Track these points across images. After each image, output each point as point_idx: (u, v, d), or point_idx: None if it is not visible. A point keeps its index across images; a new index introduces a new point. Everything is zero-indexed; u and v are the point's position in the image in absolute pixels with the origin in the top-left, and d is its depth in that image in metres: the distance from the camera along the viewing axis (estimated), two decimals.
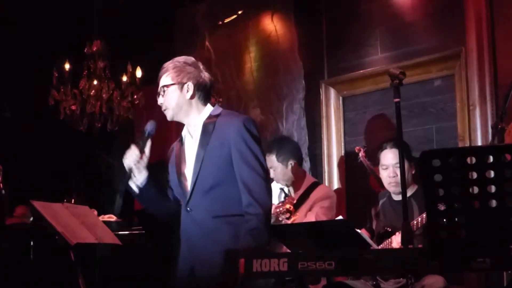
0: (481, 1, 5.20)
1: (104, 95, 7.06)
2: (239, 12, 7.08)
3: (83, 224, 4.91)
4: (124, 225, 5.96)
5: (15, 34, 7.93)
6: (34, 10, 7.46)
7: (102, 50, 7.14)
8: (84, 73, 7.11)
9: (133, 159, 3.71)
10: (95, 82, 7.07)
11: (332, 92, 6.27)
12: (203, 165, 3.60)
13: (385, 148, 4.68)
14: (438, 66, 5.53)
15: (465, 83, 5.29)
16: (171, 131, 4.02)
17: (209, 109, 3.74)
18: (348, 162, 6.13)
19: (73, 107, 7.09)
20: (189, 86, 3.71)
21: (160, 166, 3.93)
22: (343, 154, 6.18)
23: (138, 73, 7.20)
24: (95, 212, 5.75)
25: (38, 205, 4.78)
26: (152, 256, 5.49)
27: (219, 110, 3.75)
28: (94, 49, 7.12)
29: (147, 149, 3.74)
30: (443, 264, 2.45)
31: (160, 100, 3.78)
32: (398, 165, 4.52)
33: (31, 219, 6.87)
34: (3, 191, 5.92)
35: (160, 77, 3.81)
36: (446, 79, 5.52)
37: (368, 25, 6.01)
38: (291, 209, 4.62)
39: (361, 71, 6.01)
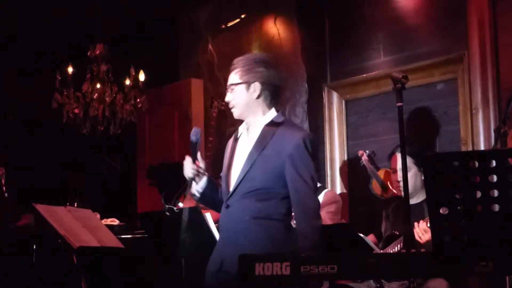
0: (484, 5, 5.19)
1: (107, 99, 7.06)
2: (242, 16, 7.09)
3: (86, 227, 4.92)
4: (126, 229, 5.97)
5: (18, 37, 7.94)
6: (37, 13, 7.47)
7: (105, 54, 7.14)
8: (87, 76, 7.11)
9: (192, 170, 3.74)
10: (98, 86, 7.07)
11: (335, 95, 6.27)
12: (253, 167, 3.61)
13: (395, 152, 4.70)
14: (441, 70, 5.53)
15: (467, 87, 5.29)
16: (173, 132, 4.02)
17: (272, 113, 3.72)
18: (350, 166, 6.13)
19: (76, 111, 7.09)
20: (256, 86, 3.67)
21: (167, 168, 3.95)
22: (345, 158, 6.18)
23: (141, 76, 7.20)
24: (98, 216, 5.75)
25: (41, 208, 4.78)
26: (155, 260, 5.50)
27: (281, 118, 3.74)
28: (97, 52, 7.12)
29: (198, 156, 3.76)
30: (446, 268, 2.45)
31: (227, 98, 3.74)
32: (409, 169, 4.53)
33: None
34: (6, 194, 5.93)
35: (230, 74, 3.75)
36: (448, 83, 5.52)
37: (371, 28, 6.01)
38: None
39: (364, 74, 6.01)
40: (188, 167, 3.74)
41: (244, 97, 3.69)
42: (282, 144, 3.60)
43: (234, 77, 3.72)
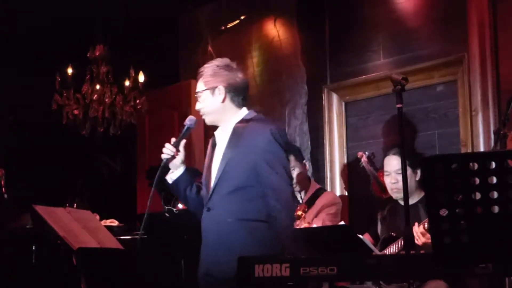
0: (484, 7, 5.20)
1: (106, 100, 7.06)
2: (242, 17, 7.08)
3: (85, 228, 4.91)
4: (126, 230, 5.96)
5: (18, 38, 7.94)
6: (37, 14, 7.47)
7: (105, 55, 7.14)
8: (87, 77, 7.11)
9: (168, 151, 3.79)
10: (97, 87, 7.07)
11: (335, 97, 6.27)
12: (227, 167, 3.66)
13: (388, 155, 4.70)
14: (441, 72, 5.53)
15: (467, 88, 5.29)
16: (173, 134, 4.04)
17: (243, 112, 3.79)
18: (350, 167, 6.13)
19: (76, 112, 7.09)
20: (220, 90, 3.73)
21: (167, 169, 3.96)
22: (345, 160, 6.18)
23: (141, 77, 7.20)
24: (97, 217, 5.74)
25: (40, 209, 4.78)
26: (154, 261, 5.49)
27: (252, 114, 3.80)
28: (97, 53, 7.12)
29: (182, 144, 3.80)
30: (446, 270, 2.45)
31: (197, 107, 3.82)
32: (400, 171, 4.54)
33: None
34: (6, 195, 5.92)
35: (196, 83, 3.81)
36: (448, 85, 5.52)
37: (371, 30, 6.01)
38: (302, 216, 4.65)
39: (364, 76, 6.02)
40: (167, 148, 3.79)
41: (211, 103, 3.76)
42: (253, 139, 3.65)
43: (199, 85, 3.81)
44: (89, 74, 7.11)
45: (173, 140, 3.82)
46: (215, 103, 3.75)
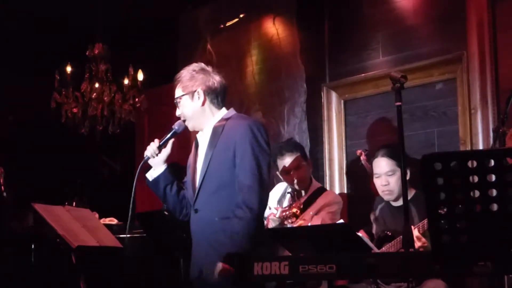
0: (483, 6, 5.19)
1: (105, 98, 7.06)
2: (241, 16, 7.08)
3: (85, 227, 4.92)
4: (125, 228, 5.96)
5: (17, 36, 7.93)
6: (36, 13, 7.47)
7: (104, 53, 7.14)
8: (86, 76, 7.11)
9: (152, 151, 3.81)
10: (96, 85, 7.08)
11: (334, 95, 6.27)
12: (210, 166, 3.67)
13: (377, 157, 4.68)
14: (440, 70, 5.53)
15: (466, 87, 5.29)
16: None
17: (222, 112, 3.81)
18: (349, 165, 6.13)
19: (75, 110, 7.09)
20: (199, 93, 3.76)
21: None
22: (344, 158, 6.18)
23: (140, 76, 7.20)
24: (97, 215, 5.75)
25: (39, 208, 4.78)
26: (153, 259, 5.50)
27: (231, 113, 3.81)
28: (96, 52, 7.12)
29: (168, 146, 3.81)
30: (445, 268, 2.45)
31: (177, 113, 3.83)
32: (390, 173, 4.55)
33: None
34: (5, 194, 5.92)
35: (174, 90, 3.83)
36: (447, 83, 5.52)
37: (370, 29, 6.00)
38: (297, 213, 4.64)
39: (363, 74, 6.01)
40: (151, 147, 3.81)
41: (190, 107, 3.78)
42: (230, 136, 3.66)
43: (177, 91, 3.83)
44: (88, 72, 7.11)
45: (156, 140, 3.83)
46: (195, 107, 3.77)
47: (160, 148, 3.81)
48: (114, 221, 6.15)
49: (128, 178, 8.24)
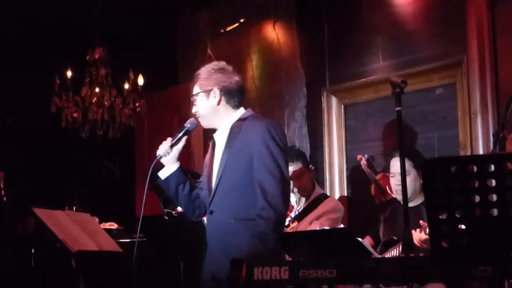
0: (483, 10, 5.20)
1: (106, 103, 7.07)
2: (241, 20, 7.09)
3: (85, 231, 4.91)
4: (125, 233, 5.97)
5: (17, 40, 7.94)
6: (36, 17, 7.48)
7: (104, 58, 7.15)
8: (86, 80, 7.12)
9: (164, 150, 3.77)
10: (97, 90, 7.09)
11: (334, 100, 6.27)
12: (226, 167, 3.64)
13: (394, 156, 4.69)
14: (440, 75, 5.54)
15: (466, 91, 5.29)
16: (172, 137, 4.04)
17: (239, 112, 3.79)
18: (349, 170, 6.14)
19: (75, 115, 7.10)
20: (215, 92, 3.73)
21: None
22: (344, 162, 6.18)
23: (140, 80, 7.21)
24: (97, 220, 5.75)
25: (39, 212, 4.78)
26: (153, 264, 5.49)
27: (249, 113, 3.79)
28: (96, 56, 7.13)
29: (180, 144, 3.78)
30: (445, 272, 2.45)
31: (193, 110, 3.81)
32: (407, 173, 4.53)
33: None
34: (5, 198, 5.92)
35: (192, 87, 3.80)
36: (447, 88, 5.52)
37: (370, 33, 6.01)
38: (289, 216, 4.65)
39: (363, 79, 6.02)
40: (163, 146, 3.77)
41: (206, 105, 3.76)
42: (247, 135, 3.63)
43: (195, 88, 3.81)
44: (88, 76, 7.12)
45: (169, 139, 3.81)
46: (210, 105, 3.74)
47: (172, 147, 3.79)
48: (114, 225, 6.15)
49: (128, 182, 8.26)
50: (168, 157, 3.79)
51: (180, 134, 3.80)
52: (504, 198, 2.24)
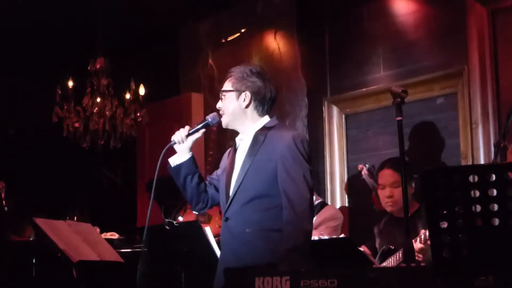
0: (484, 20, 5.21)
1: (107, 113, 7.07)
2: (242, 30, 7.10)
3: (86, 241, 4.91)
4: (126, 243, 5.96)
5: (18, 50, 7.95)
6: (37, 27, 7.49)
7: (106, 68, 7.15)
8: (88, 90, 7.12)
9: (178, 138, 3.75)
10: (98, 100, 7.09)
11: (335, 109, 6.27)
12: (247, 175, 3.59)
13: (383, 168, 4.69)
14: (441, 84, 5.54)
15: (467, 101, 5.30)
16: (173, 147, 4.03)
17: (265, 120, 3.73)
18: (350, 179, 6.13)
19: (76, 124, 7.10)
20: (246, 95, 3.69)
21: (167, 182, 3.94)
22: (345, 172, 6.18)
23: (141, 90, 7.21)
24: (98, 230, 5.74)
25: (40, 222, 4.78)
26: (154, 274, 5.48)
27: (274, 122, 3.74)
28: (98, 66, 7.14)
29: (196, 135, 3.76)
30: (446, 282, 2.44)
31: (219, 104, 3.76)
32: (394, 185, 4.55)
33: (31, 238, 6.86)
34: (6, 208, 5.92)
35: (224, 81, 3.77)
36: (448, 97, 5.52)
37: (371, 43, 6.02)
38: None
39: (364, 89, 6.02)
40: (180, 133, 3.76)
41: (233, 105, 3.70)
42: (273, 146, 3.58)
43: (227, 84, 3.76)
44: (89, 86, 7.13)
45: (187, 127, 3.78)
46: (238, 106, 3.69)
47: (188, 136, 3.76)
48: (115, 235, 6.14)
49: (129, 192, 8.26)
50: (182, 146, 3.75)
51: (199, 126, 3.76)
52: (505, 208, 2.24)
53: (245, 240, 3.54)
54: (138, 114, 7.20)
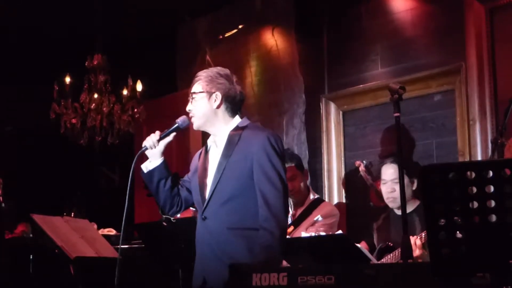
0: (482, 18, 5.21)
1: (104, 109, 7.07)
2: (240, 27, 7.10)
3: (83, 238, 4.91)
4: (123, 239, 5.95)
5: (16, 48, 7.95)
6: (35, 24, 7.49)
7: (103, 64, 7.15)
8: (85, 87, 7.12)
9: (149, 143, 3.79)
10: (95, 96, 7.09)
11: (333, 106, 6.27)
12: (223, 175, 3.62)
13: (386, 163, 4.69)
14: (438, 81, 5.54)
15: (465, 98, 5.30)
16: (170, 143, 4.02)
17: (236, 120, 3.77)
18: (348, 176, 6.13)
19: (74, 121, 7.09)
20: (217, 96, 3.72)
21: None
22: (343, 169, 6.18)
23: (139, 87, 7.21)
24: (95, 226, 5.75)
25: (38, 218, 4.78)
26: (151, 270, 5.49)
27: (246, 122, 3.78)
28: (95, 63, 7.13)
29: (167, 139, 3.80)
30: (443, 280, 2.44)
31: (188, 107, 3.78)
32: (396, 180, 4.54)
33: (30, 235, 6.86)
34: (3, 205, 5.92)
35: (192, 85, 3.79)
36: (446, 94, 5.53)
37: (369, 40, 6.02)
38: None
39: (362, 85, 6.02)
40: (151, 138, 3.81)
41: (204, 106, 3.73)
42: (248, 146, 3.62)
43: (196, 86, 3.78)
44: (87, 83, 7.12)
45: (157, 133, 3.82)
46: (209, 107, 3.72)
47: (159, 140, 3.79)
48: (112, 231, 6.15)
49: (127, 188, 8.24)
50: (154, 151, 3.80)
51: (170, 130, 3.80)
52: (503, 205, 2.24)
53: (223, 239, 3.57)
54: (136, 111, 7.20)
